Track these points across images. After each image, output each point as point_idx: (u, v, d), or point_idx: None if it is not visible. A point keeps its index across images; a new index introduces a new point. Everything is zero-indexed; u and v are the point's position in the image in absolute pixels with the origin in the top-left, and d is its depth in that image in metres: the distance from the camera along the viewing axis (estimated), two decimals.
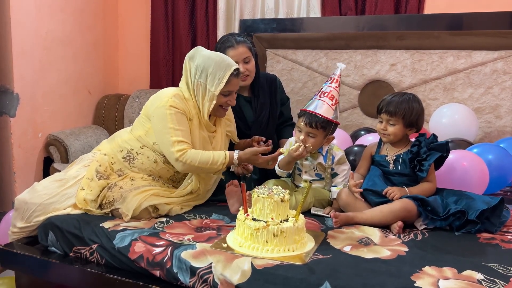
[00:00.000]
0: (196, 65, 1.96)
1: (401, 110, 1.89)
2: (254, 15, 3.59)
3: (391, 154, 1.95)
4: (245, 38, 2.31)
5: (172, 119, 1.89)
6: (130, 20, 4.03)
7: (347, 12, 3.32)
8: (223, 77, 1.91)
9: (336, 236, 1.71)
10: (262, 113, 2.37)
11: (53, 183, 1.92)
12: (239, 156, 1.92)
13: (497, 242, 1.69)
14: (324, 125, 1.95)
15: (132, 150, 2.01)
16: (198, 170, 1.93)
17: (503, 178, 2.27)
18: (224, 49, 2.25)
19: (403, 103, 1.90)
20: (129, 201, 1.81)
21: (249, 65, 2.27)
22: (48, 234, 1.82)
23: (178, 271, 1.53)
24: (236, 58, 2.21)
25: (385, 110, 1.92)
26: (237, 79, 1.98)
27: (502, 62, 2.91)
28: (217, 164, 1.90)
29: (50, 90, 3.40)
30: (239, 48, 2.25)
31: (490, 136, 2.98)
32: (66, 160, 3.34)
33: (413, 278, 1.38)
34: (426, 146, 1.88)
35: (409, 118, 1.90)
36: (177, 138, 1.88)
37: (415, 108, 1.91)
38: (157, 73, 3.94)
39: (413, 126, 1.93)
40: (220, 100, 1.97)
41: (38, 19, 3.24)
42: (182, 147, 1.88)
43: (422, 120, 1.95)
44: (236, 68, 1.95)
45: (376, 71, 3.20)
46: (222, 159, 1.91)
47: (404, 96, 1.93)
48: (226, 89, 1.94)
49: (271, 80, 2.46)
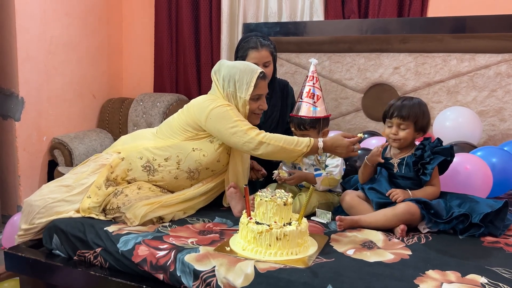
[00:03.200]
0: (223, 76, 1.99)
1: (414, 114, 1.88)
2: (258, 18, 3.60)
3: (395, 157, 1.95)
4: (269, 42, 2.35)
5: (234, 113, 1.91)
6: (134, 24, 4.06)
7: (350, 16, 3.32)
8: (250, 81, 1.95)
9: (339, 240, 1.71)
10: (273, 114, 2.43)
11: (59, 188, 1.92)
12: (324, 140, 1.90)
13: (501, 245, 1.68)
14: (312, 124, 2.05)
15: (154, 161, 1.97)
16: (281, 152, 1.87)
17: (507, 181, 2.26)
18: (247, 49, 2.30)
19: (415, 107, 1.89)
20: (137, 208, 1.81)
21: (267, 68, 2.32)
22: (52, 237, 1.83)
23: (182, 274, 1.53)
24: (257, 60, 2.27)
25: (397, 114, 1.90)
26: (264, 81, 2.01)
27: (506, 65, 2.90)
28: (301, 146, 1.87)
29: (55, 94, 3.43)
30: (262, 51, 2.30)
31: (494, 139, 2.97)
32: (71, 164, 3.36)
33: (416, 281, 1.37)
34: (430, 150, 1.88)
35: (420, 123, 1.90)
36: (248, 126, 1.89)
37: (425, 112, 1.92)
38: (161, 77, 3.96)
39: (422, 131, 1.93)
40: (252, 106, 1.99)
41: (43, 23, 3.27)
42: (258, 130, 1.89)
43: (429, 124, 1.96)
44: (261, 71, 1.99)
45: (379, 74, 3.21)
46: (307, 141, 1.88)
47: (413, 100, 1.93)
48: (256, 92, 1.97)
49: (283, 84, 2.53)
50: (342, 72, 3.30)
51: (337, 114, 3.35)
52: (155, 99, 3.73)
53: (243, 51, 2.32)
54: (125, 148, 2.03)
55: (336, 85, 3.33)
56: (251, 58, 2.28)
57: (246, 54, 2.31)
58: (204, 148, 1.96)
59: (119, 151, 2.04)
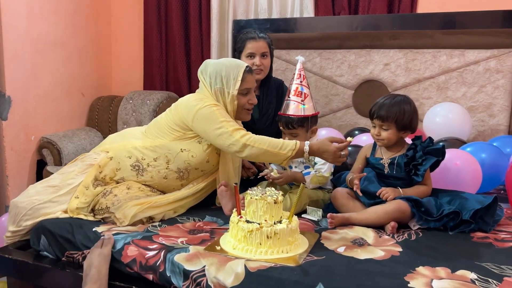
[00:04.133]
0: (209, 74, 1.97)
1: (393, 114, 1.84)
2: (248, 15, 3.58)
3: (386, 157, 1.92)
4: (266, 35, 2.42)
5: (221, 113, 1.88)
6: (123, 21, 4.02)
7: (340, 12, 3.32)
8: (237, 75, 1.93)
9: (330, 237, 1.71)
10: (268, 111, 2.45)
11: (46, 188, 1.89)
12: (310, 144, 1.83)
13: (491, 241, 1.69)
14: (300, 123, 2.03)
15: (143, 161, 1.94)
16: (265, 154, 1.82)
17: (497, 177, 2.27)
18: (245, 40, 2.36)
19: (394, 106, 1.85)
20: (127, 208, 1.79)
21: (265, 60, 2.37)
22: (40, 238, 1.80)
23: (171, 274, 1.52)
24: (255, 50, 2.33)
25: (376, 115, 1.87)
26: (252, 75, 1.98)
27: (495, 61, 2.92)
28: (286, 150, 1.81)
29: (43, 93, 3.38)
30: (260, 42, 2.35)
31: (483, 134, 2.99)
32: (60, 163, 3.32)
33: (406, 278, 1.37)
34: (422, 150, 1.85)
35: (401, 122, 1.85)
36: (234, 127, 1.85)
37: (407, 110, 1.86)
38: (150, 75, 3.92)
39: (407, 129, 1.89)
40: (241, 101, 1.96)
41: (29, 21, 3.22)
42: (243, 132, 1.85)
43: (416, 121, 1.91)
44: (247, 65, 1.97)
45: (370, 71, 3.20)
46: (292, 145, 1.82)
47: (395, 98, 1.88)
48: (243, 86, 1.95)
49: (278, 83, 2.56)
50: (333, 69, 3.29)
51: (328, 111, 3.35)
52: (145, 96, 3.70)
53: (241, 42, 2.38)
54: (113, 147, 2.01)
55: (326, 81, 3.33)
56: (248, 48, 2.34)
57: (244, 45, 2.37)
58: (193, 149, 1.94)
59: (107, 150, 2.01)
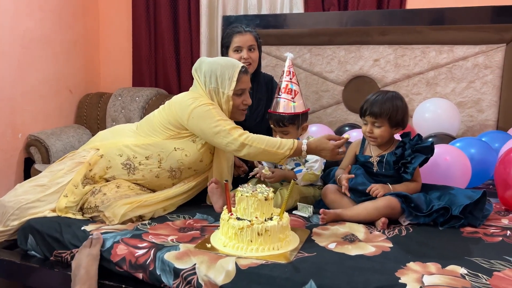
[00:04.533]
0: (204, 73, 1.94)
1: (386, 110, 1.81)
2: (237, 11, 3.56)
3: (375, 155, 1.91)
4: (253, 29, 2.41)
5: (217, 112, 1.85)
6: (111, 17, 3.97)
7: (330, 8, 3.31)
8: (233, 76, 1.90)
9: (320, 233, 1.71)
10: (259, 108, 2.43)
11: (34, 188, 1.86)
12: (308, 143, 1.82)
13: (480, 235, 1.70)
14: (290, 121, 2.03)
15: (134, 159, 1.92)
16: (263, 154, 1.80)
17: (485, 172, 2.29)
18: (232, 34, 2.34)
19: (387, 103, 1.82)
20: (116, 207, 1.76)
21: (253, 53, 2.35)
22: (27, 237, 1.78)
23: (162, 273, 1.51)
24: (241, 44, 2.31)
25: (369, 112, 1.84)
26: (247, 76, 1.96)
27: (483, 57, 2.94)
28: (284, 149, 1.79)
29: (30, 90, 3.33)
30: (247, 35, 2.33)
31: (472, 130, 3.01)
32: (48, 161, 3.28)
33: (397, 274, 1.37)
34: (411, 148, 1.84)
35: (394, 118, 1.83)
36: (231, 125, 1.83)
37: (399, 106, 1.84)
38: (139, 71, 3.89)
39: (399, 126, 1.87)
40: (236, 102, 1.94)
41: (15, 17, 3.17)
42: (241, 131, 1.83)
43: (407, 117, 1.90)
44: (243, 66, 1.95)
45: (359, 67, 3.21)
46: (290, 144, 1.80)
47: (387, 94, 1.86)
48: (239, 87, 1.92)
49: (268, 79, 2.54)
50: (323, 65, 3.29)
51: (318, 107, 3.35)
52: (134, 93, 3.67)
53: (228, 37, 2.37)
54: (104, 145, 1.98)
55: (317, 78, 3.32)
56: (235, 42, 2.32)
57: (230, 39, 2.35)
58: (186, 148, 1.91)
59: (98, 147, 1.98)
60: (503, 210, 1.99)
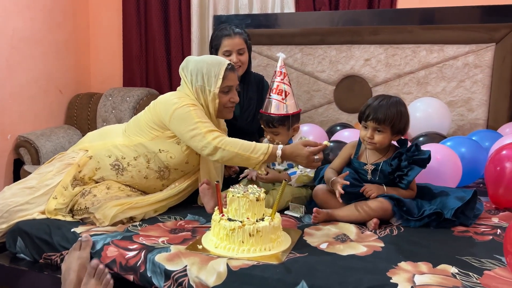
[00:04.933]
0: (191, 71, 1.92)
1: (391, 117, 1.75)
2: (228, 10, 3.55)
3: (370, 162, 1.86)
4: (242, 30, 2.36)
5: (196, 114, 1.82)
6: (102, 17, 3.94)
7: (321, 8, 3.31)
8: (219, 73, 1.88)
9: (312, 234, 1.70)
10: (250, 107, 2.41)
11: (23, 190, 1.84)
12: (283, 148, 1.76)
13: (471, 234, 1.71)
14: (281, 122, 2.01)
15: (123, 160, 1.90)
16: (237, 158, 1.76)
17: (476, 171, 2.30)
18: (221, 37, 2.30)
19: (392, 109, 1.76)
20: (107, 209, 1.75)
21: (242, 56, 2.32)
22: (16, 240, 1.76)
23: (152, 275, 1.49)
24: (231, 47, 2.28)
25: (373, 117, 1.77)
26: (233, 73, 1.94)
27: (473, 56, 2.95)
28: (258, 154, 1.74)
29: (19, 90, 3.30)
30: (236, 38, 2.30)
31: (462, 129, 3.03)
32: (37, 162, 3.24)
33: (389, 274, 1.38)
34: (408, 159, 1.78)
35: (397, 125, 1.77)
36: (207, 128, 1.80)
37: (403, 113, 1.78)
38: (130, 71, 3.86)
39: (400, 133, 1.81)
40: (223, 99, 1.92)
41: (3, 17, 3.13)
42: (217, 134, 1.79)
43: (408, 125, 1.83)
44: (229, 63, 1.93)
45: (350, 66, 3.21)
46: (264, 149, 1.75)
47: (391, 100, 1.79)
48: (225, 84, 1.90)
49: (258, 79, 2.52)
50: (314, 65, 3.29)
51: (310, 107, 3.35)
52: (124, 93, 3.64)
53: (217, 40, 2.33)
54: (93, 146, 1.96)
55: (308, 77, 3.32)
56: (225, 46, 2.29)
57: (220, 42, 2.31)
58: (171, 149, 1.89)
59: (87, 148, 1.97)
60: (494, 208, 2.00)
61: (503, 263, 1.44)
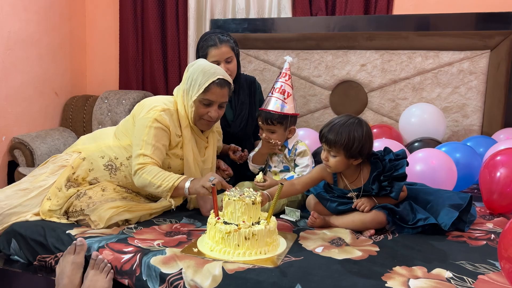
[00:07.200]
0: (189, 74, 1.92)
1: (341, 140, 1.66)
2: (225, 15, 3.56)
3: (352, 188, 1.79)
4: (228, 37, 2.30)
5: (149, 133, 1.81)
6: (98, 19, 3.94)
7: (317, 13, 3.33)
8: (204, 83, 1.84)
9: (308, 237, 1.71)
10: (242, 112, 2.39)
11: (16, 192, 1.83)
12: (190, 186, 1.74)
13: (465, 239, 1.72)
14: (279, 120, 2.03)
15: (116, 160, 1.91)
16: (150, 186, 1.77)
17: (470, 176, 2.32)
18: (207, 48, 2.24)
19: (343, 132, 1.67)
20: (102, 211, 1.74)
21: (230, 64, 2.27)
22: (10, 242, 1.75)
23: (148, 278, 1.49)
24: (218, 58, 2.22)
25: (324, 140, 1.71)
26: (220, 89, 1.87)
27: (468, 62, 2.98)
28: (161, 192, 1.76)
29: (14, 92, 3.28)
30: (222, 47, 2.23)
31: (457, 134, 3.05)
32: (32, 164, 3.23)
33: (384, 278, 1.38)
34: (387, 179, 1.72)
35: (350, 150, 1.68)
36: (144, 151, 1.79)
37: (356, 137, 1.67)
38: (126, 74, 3.86)
39: (356, 157, 1.71)
40: (200, 111, 1.88)
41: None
42: (144, 160, 1.78)
43: (367, 147, 1.72)
44: (218, 77, 1.86)
45: (346, 72, 3.23)
46: (167, 190, 1.74)
47: (347, 122, 1.69)
48: (206, 97, 1.86)
49: (250, 81, 2.49)
50: (310, 69, 3.30)
51: (306, 111, 3.36)
52: (120, 96, 3.64)
53: (203, 50, 2.27)
54: (86, 148, 1.97)
55: (304, 82, 3.33)
56: (212, 56, 2.22)
57: (206, 52, 2.25)
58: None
59: (80, 150, 1.97)
60: (488, 214, 2.01)
61: (497, 268, 1.45)
